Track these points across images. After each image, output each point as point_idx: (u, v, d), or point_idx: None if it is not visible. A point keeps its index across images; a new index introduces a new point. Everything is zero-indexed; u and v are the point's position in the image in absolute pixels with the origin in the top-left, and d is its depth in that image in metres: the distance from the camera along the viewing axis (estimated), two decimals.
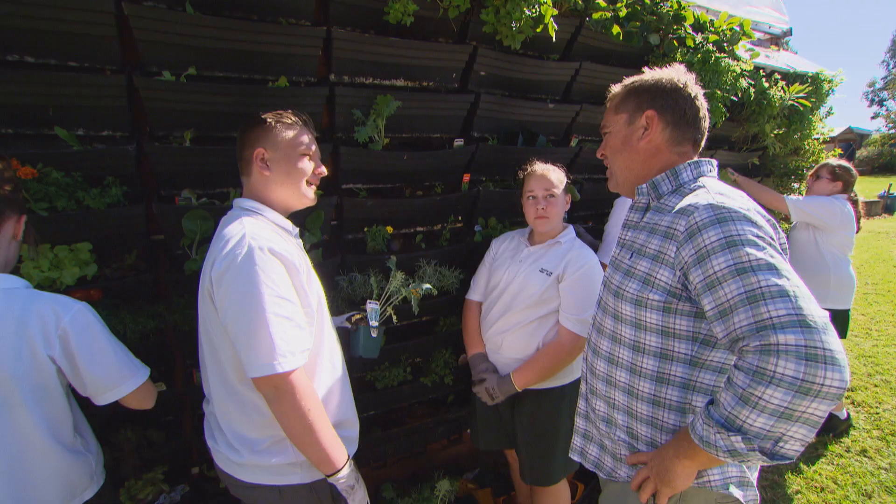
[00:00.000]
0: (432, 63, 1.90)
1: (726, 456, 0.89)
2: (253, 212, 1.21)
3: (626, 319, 1.10)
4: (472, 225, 2.20)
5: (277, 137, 1.22)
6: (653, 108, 1.12)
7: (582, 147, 2.35)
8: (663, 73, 1.16)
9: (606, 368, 1.17)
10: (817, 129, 2.99)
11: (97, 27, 1.34)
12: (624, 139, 1.17)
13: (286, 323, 1.05)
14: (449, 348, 2.20)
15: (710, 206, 0.96)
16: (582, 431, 1.31)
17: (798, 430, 0.82)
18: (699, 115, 1.13)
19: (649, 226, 1.10)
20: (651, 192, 1.14)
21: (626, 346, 1.11)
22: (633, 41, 2.21)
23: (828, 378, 0.78)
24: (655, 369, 1.06)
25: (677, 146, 1.14)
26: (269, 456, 1.17)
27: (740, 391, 0.85)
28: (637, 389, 1.10)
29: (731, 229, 0.91)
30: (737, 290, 0.87)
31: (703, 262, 0.92)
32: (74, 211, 1.35)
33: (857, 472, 2.64)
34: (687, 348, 1.03)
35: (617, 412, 1.16)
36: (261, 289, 1.03)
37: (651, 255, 1.06)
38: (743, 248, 0.89)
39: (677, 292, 1.00)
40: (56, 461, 1.07)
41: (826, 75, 2.88)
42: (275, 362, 1.01)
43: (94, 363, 1.09)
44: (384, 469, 2.31)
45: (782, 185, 3.29)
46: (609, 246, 2.02)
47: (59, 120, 1.37)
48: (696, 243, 0.94)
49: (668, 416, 1.06)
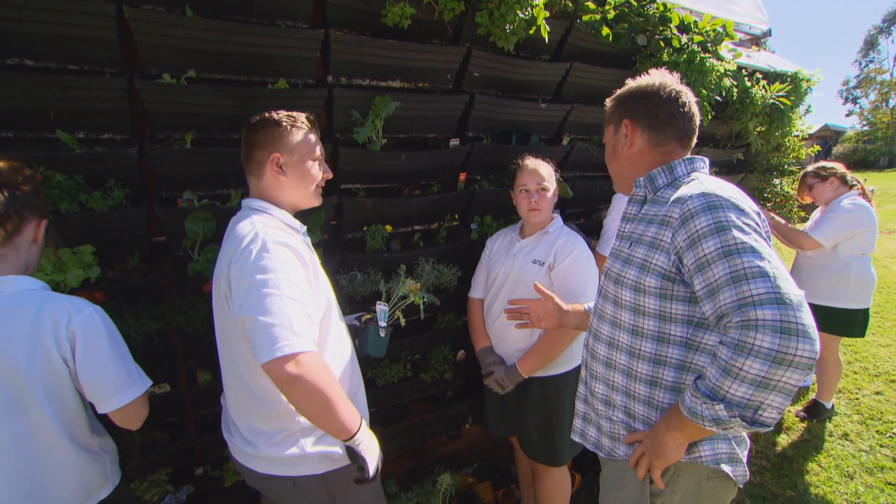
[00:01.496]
0: (428, 64, 1.93)
1: (711, 425, 0.96)
2: (262, 211, 1.23)
3: (625, 305, 1.16)
4: (469, 223, 2.24)
5: (293, 142, 1.24)
6: (627, 116, 1.22)
7: (573, 145, 2.41)
8: (640, 80, 1.24)
9: (607, 352, 1.23)
10: (797, 127, 3.09)
11: (97, 30, 1.35)
12: (613, 148, 1.29)
13: (300, 308, 1.06)
14: (447, 344, 2.23)
15: (702, 195, 1.03)
16: (582, 414, 1.37)
17: (774, 398, 0.89)
18: (674, 114, 1.18)
19: (647, 217, 1.16)
20: (648, 185, 1.20)
21: (626, 330, 1.17)
22: (622, 42, 2.27)
23: (800, 349, 0.85)
24: (653, 352, 1.12)
25: (659, 147, 1.20)
26: (282, 448, 1.20)
27: (723, 363, 0.92)
28: (636, 371, 1.15)
29: (720, 216, 0.98)
30: (723, 270, 0.94)
31: (695, 246, 0.99)
32: (78, 214, 1.35)
33: (839, 455, 2.75)
34: (682, 331, 1.09)
35: (616, 393, 1.21)
36: (276, 275, 1.05)
37: (648, 243, 1.12)
38: (730, 233, 0.96)
39: (672, 275, 1.06)
40: (71, 461, 1.08)
41: (804, 74, 2.98)
42: (292, 342, 1.00)
43: (88, 370, 1.06)
44: (385, 465, 2.33)
45: (765, 180, 3.40)
46: (608, 240, 2.09)
47: (60, 123, 1.37)
48: (688, 228, 1.01)
49: (663, 396, 1.12)
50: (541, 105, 2.25)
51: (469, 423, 2.50)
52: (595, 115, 2.45)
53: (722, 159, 3.10)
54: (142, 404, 1.15)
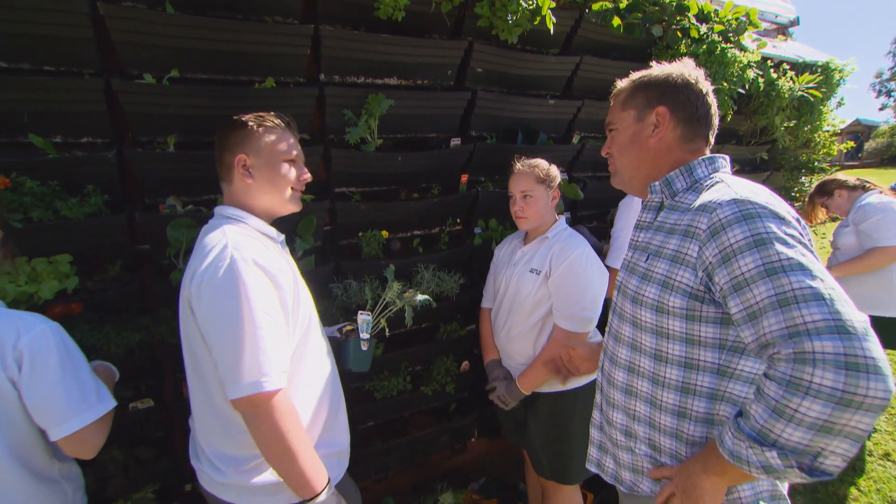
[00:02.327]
0: (426, 60, 1.83)
1: (759, 472, 0.81)
2: (235, 219, 1.16)
3: (646, 327, 1.03)
4: (472, 227, 2.12)
5: (260, 142, 1.16)
6: (664, 104, 1.06)
7: (584, 144, 2.27)
8: (673, 67, 1.09)
9: (626, 378, 1.10)
10: (828, 121, 2.89)
11: (72, 29, 1.29)
12: (632, 137, 1.11)
13: (270, 340, 0.98)
14: (450, 355, 2.12)
15: (733, 202, 0.89)
16: (597, 443, 1.24)
17: (840, 444, 0.74)
18: (711, 112, 1.08)
19: (665, 225, 1.03)
20: (664, 189, 1.07)
21: (648, 355, 1.04)
22: (635, 33, 2.13)
23: (871, 388, 0.70)
24: (680, 380, 0.98)
25: (689, 143, 1.07)
26: (254, 475, 1.11)
27: (773, 403, 0.77)
28: (660, 400, 1.02)
29: (758, 226, 0.84)
30: (766, 292, 0.80)
31: (729, 262, 0.85)
32: (51, 221, 1.29)
33: (880, 478, 2.53)
34: (714, 357, 0.95)
35: (638, 424, 1.08)
36: (245, 304, 0.97)
37: (669, 256, 0.98)
38: (772, 247, 0.82)
39: (700, 294, 0.93)
40: (24, 491, 1.00)
41: (837, 64, 2.78)
42: (261, 380, 0.95)
43: (32, 393, 0.97)
44: (385, 482, 2.23)
45: (792, 178, 3.19)
46: (618, 250, 1.93)
47: (34, 127, 1.32)
48: (720, 242, 0.87)
49: (693, 429, 0.99)
50: (549, 101, 2.13)
51: (475, 437, 2.39)
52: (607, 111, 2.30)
53: (744, 157, 2.91)
54: (94, 432, 1.03)
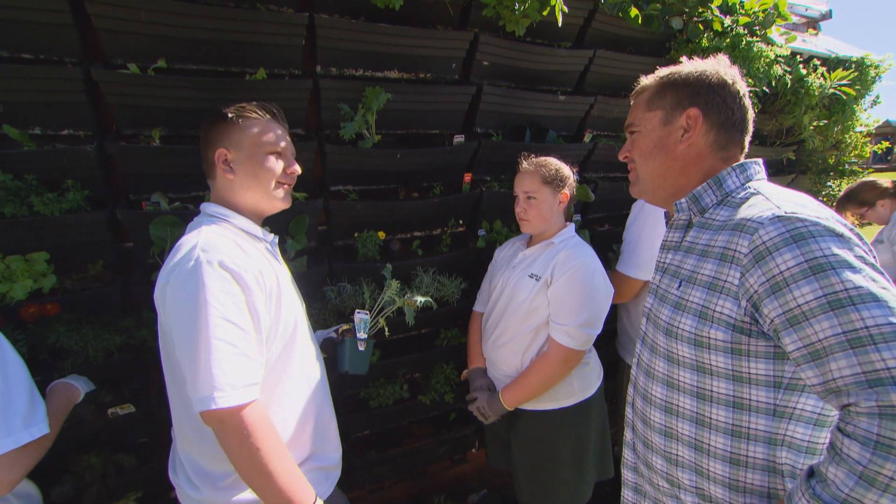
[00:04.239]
0: (429, 52, 1.73)
1: None
2: (218, 218, 1.09)
3: (684, 363, 0.91)
4: (476, 229, 2.02)
5: (240, 135, 1.08)
6: (696, 105, 0.95)
7: (597, 143, 2.15)
8: (707, 64, 0.97)
9: (664, 420, 0.98)
10: (861, 121, 2.71)
11: (50, 14, 1.22)
12: (658, 141, 0.99)
13: (228, 350, 0.90)
14: (451, 363, 2.03)
15: (777, 220, 0.76)
16: (632, 485, 1.12)
17: None
18: (747, 117, 0.96)
19: (697, 246, 0.92)
20: (692, 206, 0.95)
21: (688, 393, 0.92)
22: (653, 25, 1.99)
23: None
24: (729, 422, 0.86)
25: (722, 151, 0.96)
26: (231, 492, 1.04)
27: (859, 468, 0.65)
28: (707, 445, 0.90)
29: (814, 249, 0.72)
30: (831, 329, 0.68)
31: (781, 293, 0.73)
32: (24, 218, 1.23)
33: None
34: (768, 396, 0.83)
35: (681, 470, 0.96)
36: (202, 310, 0.89)
37: (705, 283, 0.87)
38: (834, 274, 0.69)
39: (745, 327, 0.81)
40: None
41: (872, 60, 2.59)
42: (214, 395, 0.87)
43: None
44: (381, 492, 2.15)
45: (819, 181, 3.01)
46: (629, 256, 1.78)
47: (10, 118, 1.25)
48: (767, 269, 0.75)
49: (752, 477, 0.86)
50: (559, 97, 2.01)
51: (475, 448, 2.29)
52: (622, 108, 2.18)
53: (769, 158, 2.75)
54: (7, 464, 0.91)
